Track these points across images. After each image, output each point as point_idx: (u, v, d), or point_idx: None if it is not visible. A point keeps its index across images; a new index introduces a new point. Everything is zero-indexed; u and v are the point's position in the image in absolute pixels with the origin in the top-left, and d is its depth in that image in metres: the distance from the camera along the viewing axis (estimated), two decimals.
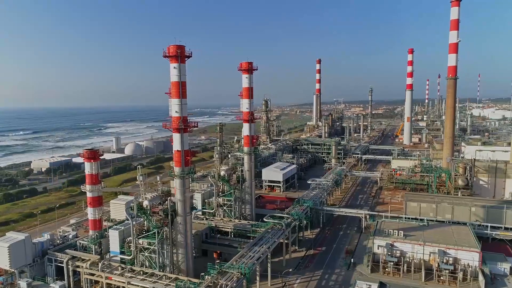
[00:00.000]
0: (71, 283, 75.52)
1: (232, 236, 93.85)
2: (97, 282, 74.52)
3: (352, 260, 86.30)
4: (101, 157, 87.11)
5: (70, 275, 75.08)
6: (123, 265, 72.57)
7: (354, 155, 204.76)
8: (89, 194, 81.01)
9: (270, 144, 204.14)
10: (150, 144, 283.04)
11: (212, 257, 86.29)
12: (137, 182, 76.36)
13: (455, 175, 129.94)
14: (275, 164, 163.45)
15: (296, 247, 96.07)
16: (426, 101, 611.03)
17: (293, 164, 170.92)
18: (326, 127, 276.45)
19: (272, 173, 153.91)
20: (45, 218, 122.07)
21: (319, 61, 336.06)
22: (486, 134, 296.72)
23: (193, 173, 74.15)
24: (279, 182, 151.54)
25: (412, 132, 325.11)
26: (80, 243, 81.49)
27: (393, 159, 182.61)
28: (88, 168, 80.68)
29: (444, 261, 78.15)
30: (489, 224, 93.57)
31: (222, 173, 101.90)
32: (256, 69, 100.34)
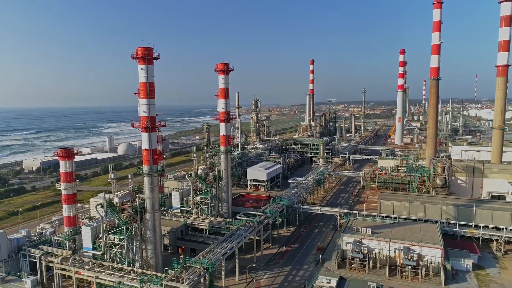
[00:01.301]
0: (44, 278, 77.78)
1: (207, 233, 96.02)
2: (70, 277, 76.78)
3: (321, 256, 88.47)
4: (93, 157, 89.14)
5: (43, 270, 77.33)
6: (94, 261, 74.85)
7: (342, 155, 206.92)
8: (63, 192, 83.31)
9: (258, 144, 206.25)
10: None
11: (186, 253, 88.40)
12: (126, 181, 78.15)
13: (433, 174, 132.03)
14: (260, 164, 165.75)
15: (270, 244, 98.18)
16: (423, 101, 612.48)
17: (279, 163, 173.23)
18: (318, 127, 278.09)
19: (257, 173, 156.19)
20: (29, 216, 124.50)
21: (313, 62, 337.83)
22: (478, 134, 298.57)
23: (162, 171, 76.28)
24: (263, 181, 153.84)
25: (405, 132, 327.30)
26: (55, 239, 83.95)
27: (379, 159, 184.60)
28: (63, 167, 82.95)
29: (408, 257, 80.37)
30: (457, 222, 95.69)
31: (199, 172, 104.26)
32: (232, 70, 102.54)
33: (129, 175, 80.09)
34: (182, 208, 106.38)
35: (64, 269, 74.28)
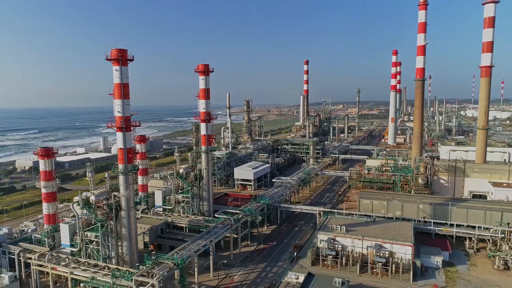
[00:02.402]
0: (23, 274, 79.76)
1: (187, 231, 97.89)
2: (48, 273, 78.66)
3: (295, 254, 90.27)
4: (86, 157, 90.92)
5: (22, 266, 79.32)
6: (70, 257, 76.77)
7: (331, 155, 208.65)
8: (43, 190, 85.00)
9: (248, 144, 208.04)
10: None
11: (165, 250, 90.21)
12: (116, 180, 79.53)
13: (416, 174, 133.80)
14: (248, 164, 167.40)
15: (249, 242, 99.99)
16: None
17: (268, 163, 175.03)
18: (310, 127, 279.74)
19: (244, 172, 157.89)
20: (16, 215, 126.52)
21: (307, 62, 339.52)
22: (471, 134, 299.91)
23: (136, 170, 78.12)
24: (250, 180, 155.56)
25: (399, 132, 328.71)
26: (35, 236, 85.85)
27: (367, 159, 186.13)
28: (42, 165, 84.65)
29: (380, 254, 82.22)
30: (432, 221, 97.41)
31: (180, 171, 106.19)
32: (212, 71, 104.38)
33: (106, 174, 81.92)
34: (164, 206, 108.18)
35: (41, 265, 76.20)
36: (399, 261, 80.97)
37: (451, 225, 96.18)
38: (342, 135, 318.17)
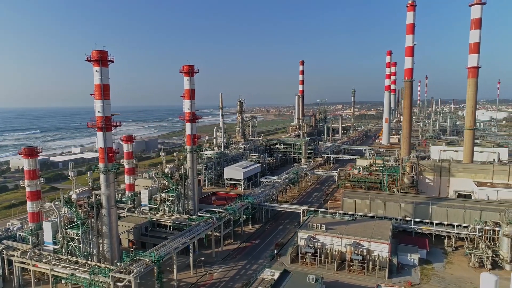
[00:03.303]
0: (6, 271, 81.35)
1: (171, 229, 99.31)
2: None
3: (276, 252, 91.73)
4: (81, 156, 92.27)
5: (5, 264, 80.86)
6: (52, 254, 78.27)
7: (323, 155, 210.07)
8: (27, 189, 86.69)
9: (240, 144, 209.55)
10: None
11: (149, 248, 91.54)
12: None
13: (402, 173, 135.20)
14: (239, 163, 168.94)
15: (232, 240, 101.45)
16: (418, 102, 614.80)
17: (259, 163, 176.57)
18: (305, 128, 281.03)
19: (234, 172, 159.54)
20: (6, 214, 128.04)
21: (302, 63, 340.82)
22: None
23: (117, 169, 79.61)
24: (240, 180, 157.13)
25: (393, 132, 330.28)
26: (20, 234, 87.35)
27: (358, 158, 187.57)
28: (26, 165, 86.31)
29: (358, 252, 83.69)
30: (413, 219, 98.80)
31: (166, 170, 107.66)
32: (197, 72, 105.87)
33: (88, 173, 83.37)
34: (150, 205, 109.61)
35: (23, 263, 77.64)
36: (376, 259, 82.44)
37: (432, 223, 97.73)
38: (337, 135, 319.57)
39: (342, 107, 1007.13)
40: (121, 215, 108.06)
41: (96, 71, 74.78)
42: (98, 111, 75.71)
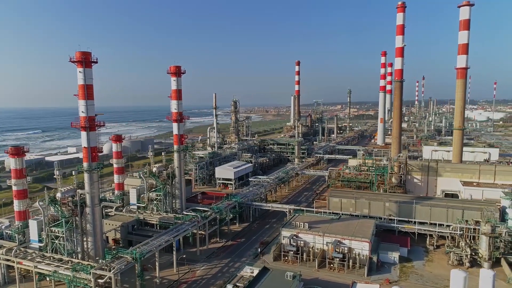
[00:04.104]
0: None
1: (158, 228, 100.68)
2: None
3: (259, 250, 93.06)
4: (76, 156, 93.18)
5: None
6: (37, 252, 79.70)
7: (316, 155, 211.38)
8: (14, 188, 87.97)
9: (234, 143, 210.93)
10: (127, 143, 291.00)
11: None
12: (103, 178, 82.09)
13: (390, 173, 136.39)
14: (230, 163, 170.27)
15: (218, 239, 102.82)
16: (416, 102, 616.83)
17: (251, 163, 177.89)
18: (300, 128, 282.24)
19: (225, 171, 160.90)
20: None
21: (298, 63, 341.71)
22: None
23: (101, 168, 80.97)
24: (231, 179, 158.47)
25: (389, 133, 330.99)
26: (7, 232, 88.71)
27: (349, 158, 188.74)
28: (13, 164, 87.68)
29: (339, 250, 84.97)
30: (396, 218, 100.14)
31: (154, 169, 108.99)
32: (184, 73, 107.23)
33: (73, 172, 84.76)
34: (138, 204, 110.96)
35: (8, 260, 79.04)
36: (356, 257, 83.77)
37: (415, 222, 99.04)
38: (333, 135, 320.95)
39: (341, 107, 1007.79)
40: (109, 213, 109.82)
41: (79, 72, 76.08)
42: (82, 111, 76.98)
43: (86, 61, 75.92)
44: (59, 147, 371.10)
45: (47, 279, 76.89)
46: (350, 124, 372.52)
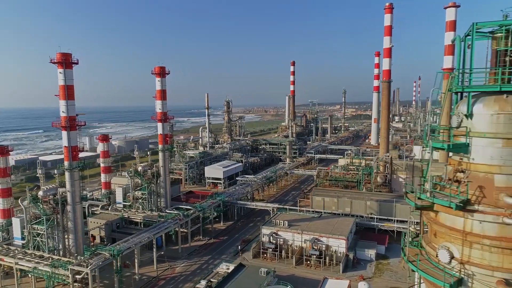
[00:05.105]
0: None
1: (142, 226, 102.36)
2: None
3: (239, 247, 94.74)
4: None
5: None
6: (19, 249, 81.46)
7: (307, 154, 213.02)
8: None
9: (225, 143, 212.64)
10: (123, 143, 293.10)
11: None
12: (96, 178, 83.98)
13: (375, 173, 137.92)
14: (220, 163, 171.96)
15: (201, 237, 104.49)
16: (414, 102, 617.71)
17: (241, 162, 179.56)
18: (294, 128, 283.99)
19: (214, 171, 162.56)
20: None
21: (293, 63, 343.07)
22: None
23: (82, 167, 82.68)
24: (220, 179, 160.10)
25: None
26: None
27: (340, 158, 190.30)
28: None
29: (316, 247, 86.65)
30: (375, 216, 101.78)
31: (139, 168, 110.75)
32: (168, 73, 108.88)
33: (55, 171, 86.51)
34: (124, 203, 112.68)
35: None
36: (333, 254, 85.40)
37: (396, 221, 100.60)
38: (327, 135, 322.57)
39: (340, 107, 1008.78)
40: (95, 212, 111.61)
41: (60, 72, 77.75)
42: (62, 111, 78.73)
43: (66, 62, 77.60)
44: (57, 147, 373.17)
45: (29, 275, 78.57)
46: (346, 124, 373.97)
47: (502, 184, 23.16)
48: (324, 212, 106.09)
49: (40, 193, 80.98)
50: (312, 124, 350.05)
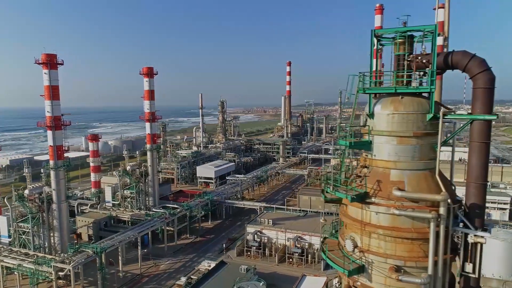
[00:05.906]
0: None
1: (129, 224, 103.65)
2: None
3: (224, 246, 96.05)
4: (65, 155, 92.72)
5: None
6: (5, 247, 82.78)
7: (300, 154, 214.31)
8: None
9: (218, 143, 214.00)
10: (118, 143, 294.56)
11: None
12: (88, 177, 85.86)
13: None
14: (212, 162, 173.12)
15: (188, 235, 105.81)
16: None
17: (234, 162, 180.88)
18: (289, 128, 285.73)
19: (206, 170, 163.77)
20: None
21: (289, 64, 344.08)
22: (448, 135, 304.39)
23: (67, 166, 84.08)
24: (212, 178, 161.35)
25: None
26: None
27: (332, 158, 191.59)
28: None
29: (299, 245, 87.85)
30: None
31: (128, 168, 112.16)
32: (157, 74, 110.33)
33: (42, 170, 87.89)
34: (113, 202, 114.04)
35: None
36: (315, 252, 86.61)
37: None
38: (322, 135, 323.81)
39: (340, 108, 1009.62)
40: (84, 211, 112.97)
41: (45, 73, 79.26)
42: (48, 111, 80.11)
43: (51, 63, 79.02)
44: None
45: (15, 272, 79.89)
46: (342, 124, 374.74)
47: (396, 178, 25.28)
48: (310, 211, 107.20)
49: (26, 191, 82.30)
50: (308, 124, 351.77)
